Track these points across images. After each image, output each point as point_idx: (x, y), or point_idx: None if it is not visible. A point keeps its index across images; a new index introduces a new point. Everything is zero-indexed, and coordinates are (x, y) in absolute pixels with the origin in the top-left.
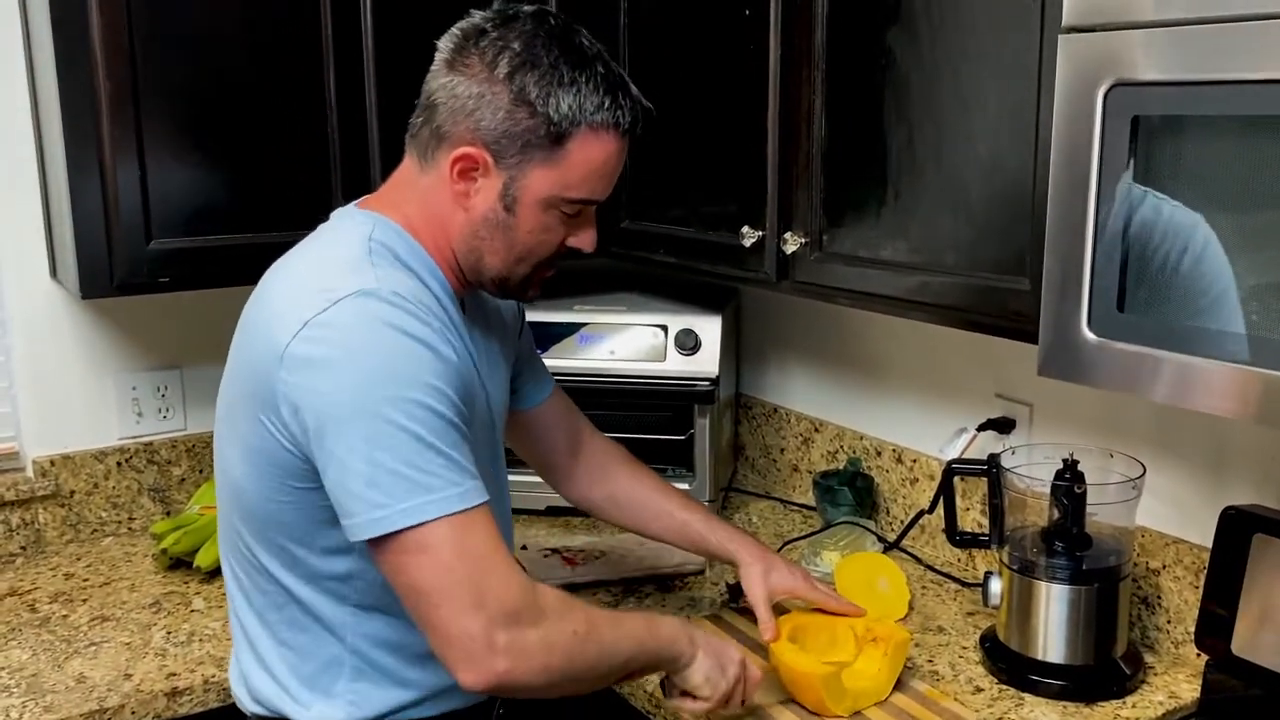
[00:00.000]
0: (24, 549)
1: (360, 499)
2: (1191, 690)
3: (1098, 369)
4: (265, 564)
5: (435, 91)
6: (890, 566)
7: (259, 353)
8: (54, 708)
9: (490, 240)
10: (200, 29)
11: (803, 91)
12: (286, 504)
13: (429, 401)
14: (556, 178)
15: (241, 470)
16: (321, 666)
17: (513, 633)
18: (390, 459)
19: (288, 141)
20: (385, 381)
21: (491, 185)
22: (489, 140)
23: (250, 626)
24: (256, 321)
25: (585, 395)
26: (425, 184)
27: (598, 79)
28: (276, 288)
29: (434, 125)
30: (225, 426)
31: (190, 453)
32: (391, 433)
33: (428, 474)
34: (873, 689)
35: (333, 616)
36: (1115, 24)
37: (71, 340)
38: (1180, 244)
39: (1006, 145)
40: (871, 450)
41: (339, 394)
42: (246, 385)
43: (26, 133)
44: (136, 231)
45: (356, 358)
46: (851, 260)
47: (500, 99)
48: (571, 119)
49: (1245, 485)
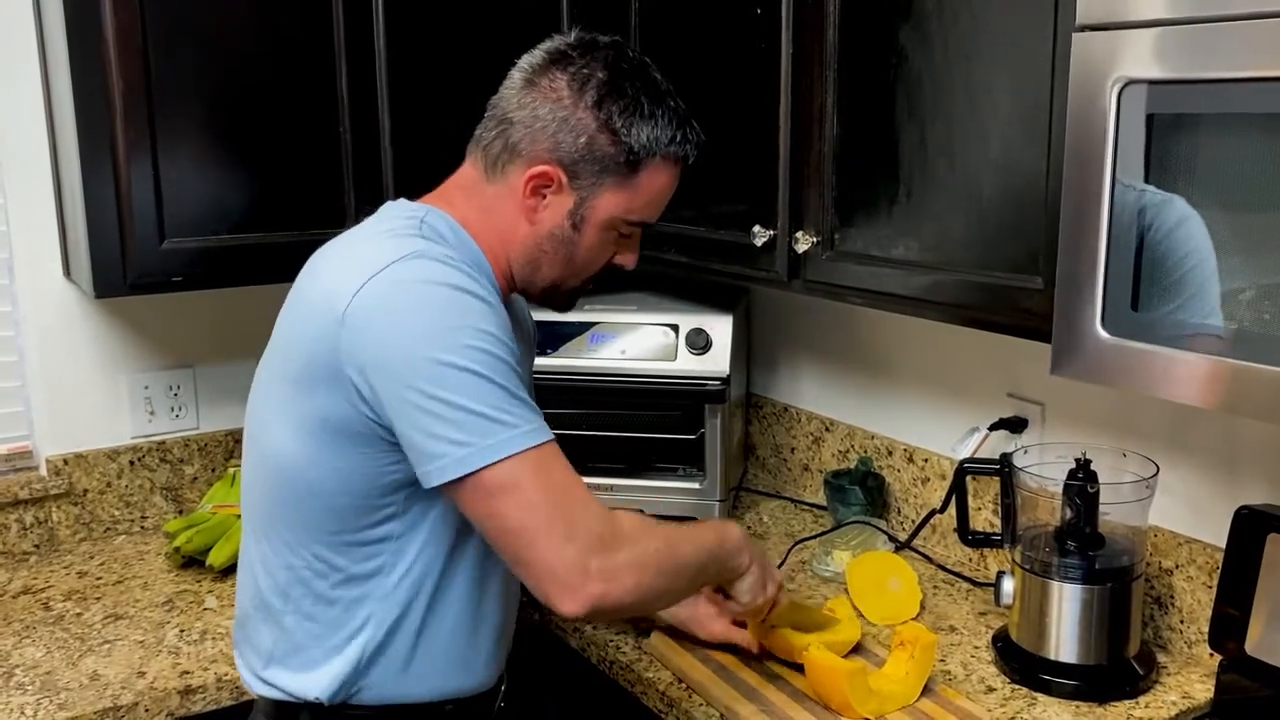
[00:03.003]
0: (38, 547)
1: (442, 439)
2: (1205, 690)
3: (1111, 368)
4: (301, 539)
5: (513, 108)
6: (902, 566)
7: (316, 324)
8: (68, 705)
9: (552, 254)
10: (212, 29)
11: (814, 90)
12: (346, 473)
13: (488, 347)
14: (624, 201)
15: (293, 445)
16: (337, 645)
17: (604, 558)
18: (465, 399)
19: (300, 141)
20: (447, 330)
21: (562, 203)
22: (567, 161)
23: (273, 603)
24: (309, 297)
25: (596, 395)
26: (491, 192)
27: (671, 113)
28: (327, 265)
29: (509, 140)
30: (269, 404)
31: (202, 451)
32: (461, 377)
33: (502, 411)
34: (900, 692)
35: (358, 598)
36: (1129, 22)
37: (85, 340)
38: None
39: (1019, 144)
40: (883, 450)
41: (404, 346)
42: (300, 360)
43: (40, 133)
44: (150, 231)
45: (416, 310)
46: (863, 259)
47: (585, 124)
48: (649, 149)
49: (1259, 484)
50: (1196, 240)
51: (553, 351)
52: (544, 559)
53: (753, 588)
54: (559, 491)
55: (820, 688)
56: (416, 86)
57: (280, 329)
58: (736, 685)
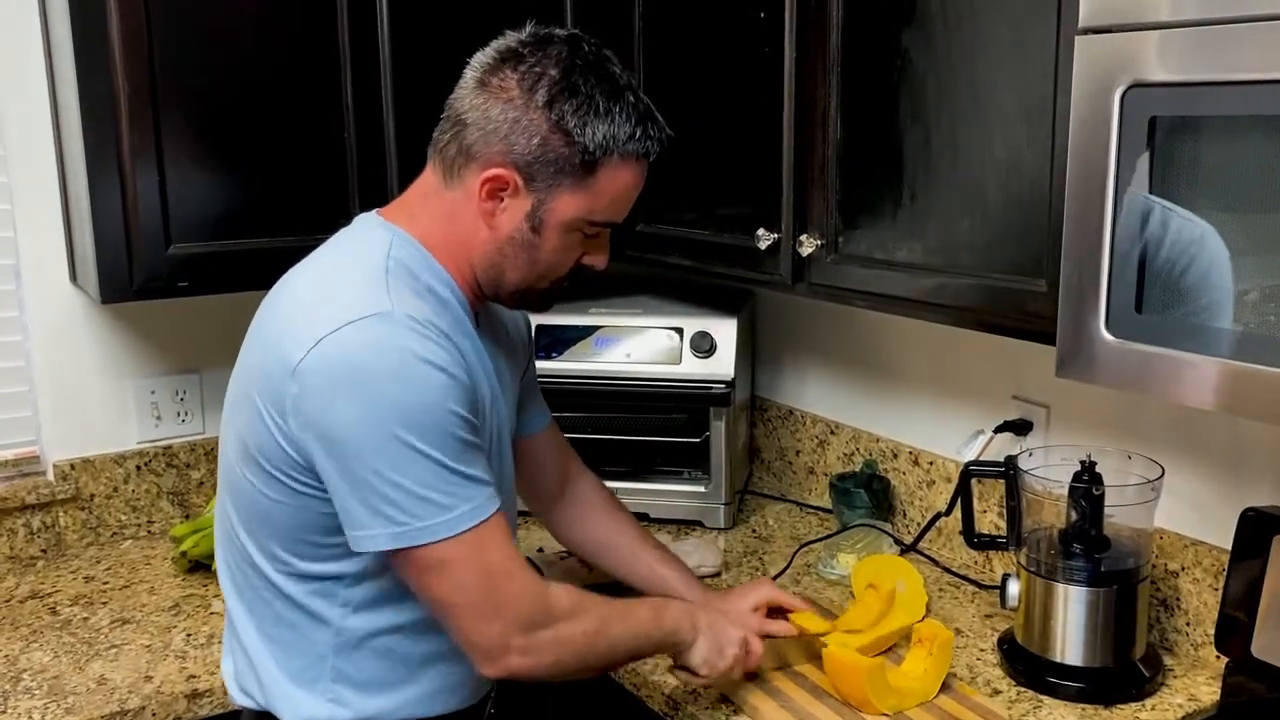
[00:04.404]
0: (45, 552)
1: (378, 515)
2: (1211, 693)
3: (1116, 370)
4: (256, 560)
5: (466, 110)
6: (907, 569)
7: (270, 359)
8: (75, 709)
9: (513, 258)
10: (218, 35)
11: (818, 94)
12: (281, 504)
13: (446, 426)
14: (584, 202)
15: (240, 465)
16: (306, 664)
17: (527, 636)
18: (410, 482)
19: (305, 146)
20: (403, 408)
21: (519, 206)
22: (521, 164)
23: (239, 619)
24: (269, 326)
25: (601, 398)
26: (450, 198)
27: (629, 109)
28: (292, 294)
29: (463, 143)
30: (229, 420)
31: (209, 456)
32: (411, 458)
33: (446, 493)
34: (919, 689)
35: (319, 616)
36: (1132, 25)
37: (91, 345)
38: (1186, 259)
39: (1023, 146)
40: (888, 452)
41: (358, 419)
42: (254, 384)
43: (46, 138)
44: (156, 236)
45: (373, 383)
46: (867, 262)
47: (536, 125)
48: (605, 148)
49: (1265, 486)
50: (1211, 251)
51: (558, 355)
52: (470, 635)
53: (707, 659)
54: (490, 573)
55: (840, 684)
56: (421, 92)
57: (243, 349)
58: (757, 681)
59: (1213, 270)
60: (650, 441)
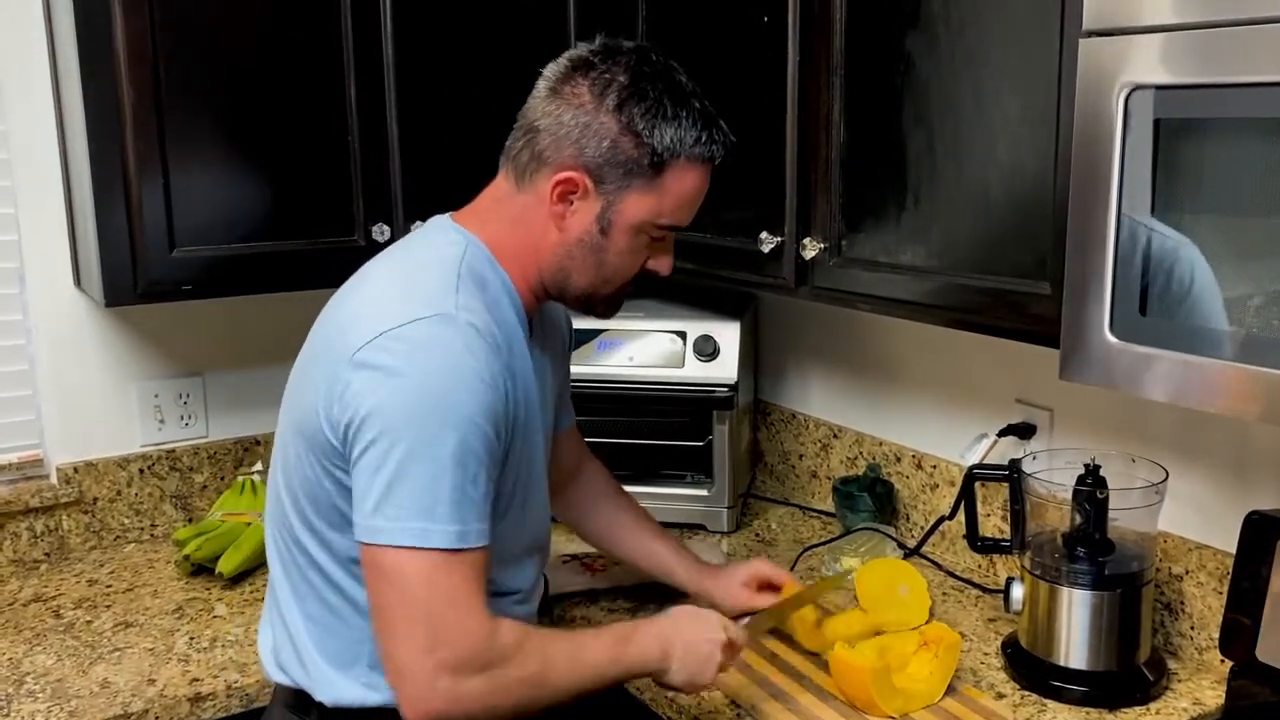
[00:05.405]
0: (48, 555)
1: (374, 501)
2: (1215, 697)
3: (1120, 373)
4: (301, 537)
5: (538, 117)
6: (911, 572)
7: (333, 347)
8: (79, 713)
9: (581, 260)
10: (222, 39)
11: (821, 97)
12: (326, 486)
13: (470, 439)
14: (651, 204)
15: (294, 447)
16: (344, 647)
17: (455, 679)
18: (418, 475)
19: (309, 150)
20: (440, 408)
21: (589, 208)
22: (591, 166)
23: (283, 596)
24: (337, 318)
25: (604, 401)
26: (520, 202)
27: (695, 114)
28: (363, 289)
29: (535, 149)
30: (289, 394)
31: (212, 459)
32: (429, 455)
33: (441, 503)
34: (925, 691)
35: (358, 601)
36: (1135, 28)
37: (95, 348)
38: (1165, 268)
39: (1026, 149)
40: (891, 456)
41: (395, 404)
42: (317, 363)
43: (51, 142)
44: (160, 240)
45: (419, 376)
46: (871, 265)
47: (607, 128)
48: (672, 150)
49: (1269, 489)
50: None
51: None
52: (399, 657)
53: (689, 680)
54: (443, 599)
55: (846, 686)
56: (425, 96)
57: (311, 334)
58: (763, 685)
59: (1202, 274)
60: (653, 445)
